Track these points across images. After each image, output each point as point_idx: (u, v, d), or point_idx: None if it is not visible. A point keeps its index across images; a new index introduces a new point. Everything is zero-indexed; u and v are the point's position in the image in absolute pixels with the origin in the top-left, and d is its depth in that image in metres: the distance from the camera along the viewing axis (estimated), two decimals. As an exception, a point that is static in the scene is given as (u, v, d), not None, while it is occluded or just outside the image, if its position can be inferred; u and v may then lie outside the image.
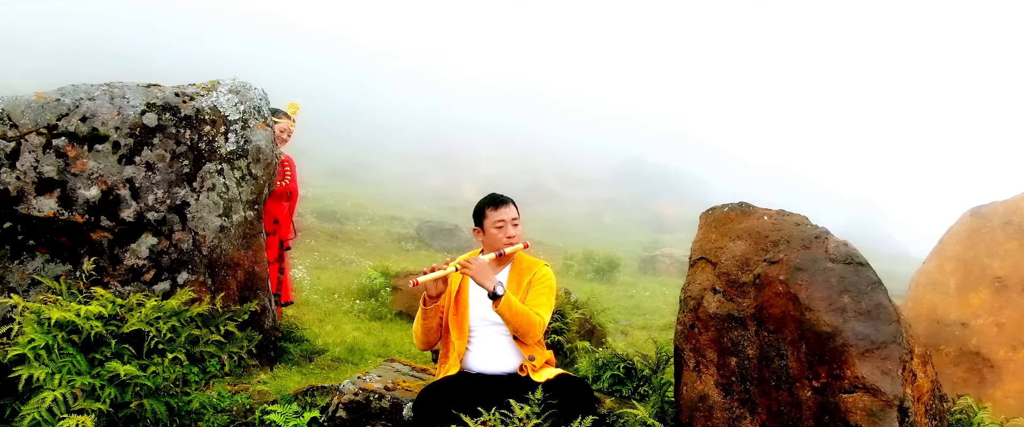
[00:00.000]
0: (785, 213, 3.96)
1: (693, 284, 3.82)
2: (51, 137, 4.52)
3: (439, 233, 17.95)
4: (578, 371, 5.18)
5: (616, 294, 14.33)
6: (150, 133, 4.70)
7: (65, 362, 3.88)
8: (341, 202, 24.44)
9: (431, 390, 3.45)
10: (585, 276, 16.37)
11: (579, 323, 8.39)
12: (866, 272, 3.47)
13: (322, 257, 14.43)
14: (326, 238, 16.63)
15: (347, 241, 16.81)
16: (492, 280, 3.50)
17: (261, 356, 4.95)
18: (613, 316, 11.68)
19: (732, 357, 3.53)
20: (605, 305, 12.37)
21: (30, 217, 4.38)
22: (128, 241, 4.56)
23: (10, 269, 4.32)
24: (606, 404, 4.45)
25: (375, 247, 16.49)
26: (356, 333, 7.66)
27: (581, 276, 16.39)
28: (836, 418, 3.17)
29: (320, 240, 16.28)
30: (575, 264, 17.13)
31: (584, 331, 8.37)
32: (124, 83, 4.89)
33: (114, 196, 4.55)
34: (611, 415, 3.87)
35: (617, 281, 16.32)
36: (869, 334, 3.25)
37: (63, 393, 3.75)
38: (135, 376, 3.96)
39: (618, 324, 11.16)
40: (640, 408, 3.69)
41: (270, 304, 5.09)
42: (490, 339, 3.69)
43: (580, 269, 16.86)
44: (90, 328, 3.97)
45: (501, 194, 3.85)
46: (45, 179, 4.45)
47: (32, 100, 4.59)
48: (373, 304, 10.15)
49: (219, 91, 5.02)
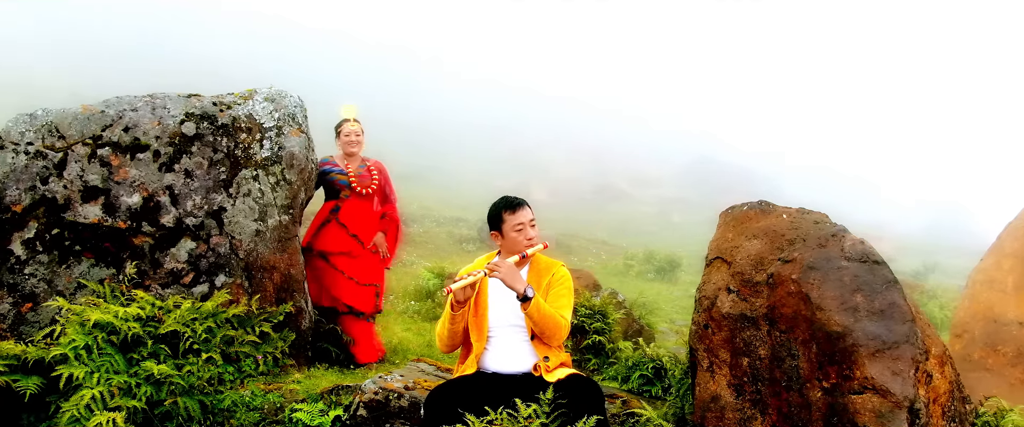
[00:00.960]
0: (805, 211, 3.90)
1: (708, 284, 3.80)
2: (96, 147, 4.75)
3: (500, 234, 18.06)
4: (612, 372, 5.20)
5: (676, 294, 14.20)
6: (189, 141, 4.89)
7: (104, 361, 4.08)
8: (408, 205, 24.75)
9: (442, 389, 3.51)
10: (646, 276, 16.26)
11: (624, 323, 8.37)
12: (881, 271, 3.40)
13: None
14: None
15: (409, 242, 17.03)
16: (522, 282, 3.54)
17: (298, 356, 5.09)
18: (668, 316, 11.59)
19: (744, 357, 3.50)
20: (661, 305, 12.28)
21: (76, 224, 4.61)
22: (168, 246, 4.75)
23: (58, 273, 4.55)
24: (632, 404, 4.44)
25: (436, 249, 16.69)
26: (405, 333, 7.78)
27: (642, 276, 16.28)
28: (844, 419, 3.11)
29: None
30: (636, 264, 17.02)
31: (632, 331, 8.35)
32: (166, 94, 5.10)
33: (155, 203, 4.75)
34: (621, 415, 3.87)
35: (678, 280, 16.16)
36: (880, 334, 3.18)
37: (101, 391, 3.94)
38: (169, 375, 4.13)
39: (673, 324, 11.06)
40: (648, 408, 3.68)
41: (306, 305, 5.22)
42: (508, 340, 3.73)
43: (641, 269, 16.75)
44: (128, 329, 4.16)
45: (515, 197, 3.89)
46: (90, 187, 4.67)
47: (78, 112, 4.83)
48: (428, 305, 10.28)
49: (255, 99, 5.19)
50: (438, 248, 16.92)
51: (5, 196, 4.53)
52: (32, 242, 4.54)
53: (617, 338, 6.88)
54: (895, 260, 21.51)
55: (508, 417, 3.26)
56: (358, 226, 5.78)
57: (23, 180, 4.58)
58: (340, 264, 5.69)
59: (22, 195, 4.56)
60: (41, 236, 4.55)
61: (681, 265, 16.75)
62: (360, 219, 5.79)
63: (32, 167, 4.61)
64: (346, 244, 5.70)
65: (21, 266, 4.50)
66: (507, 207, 3.79)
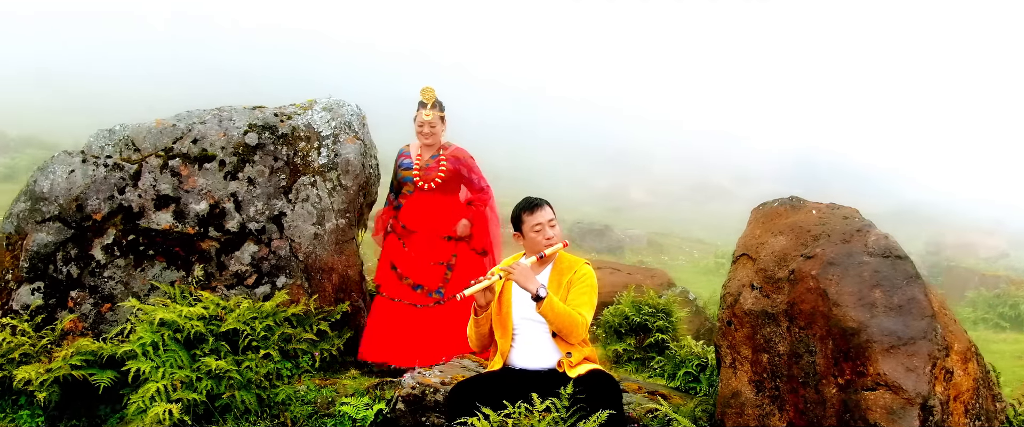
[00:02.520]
0: (836, 207, 3.87)
1: (733, 281, 3.81)
2: (168, 159, 5.11)
3: (590, 233, 18.09)
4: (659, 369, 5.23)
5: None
6: (251, 151, 5.19)
7: (168, 357, 4.41)
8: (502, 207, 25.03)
9: (464, 385, 3.66)
10: (736, 274, 15.97)
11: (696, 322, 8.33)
12: (903, 266, 3.35)
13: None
14: (482, 244, 17.18)
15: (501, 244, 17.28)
16: (535, 283, 3.65)
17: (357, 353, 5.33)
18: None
19: (764, 354, 3.51)
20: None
21: (150, 230, 4.97)
22: (233, 249, 5.06)
23: (133, 276, 4.92)
24: (673, 400, 4.48)
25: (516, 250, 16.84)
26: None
27: (733, 274, 16.00)
28: (857, 416, 3.09)
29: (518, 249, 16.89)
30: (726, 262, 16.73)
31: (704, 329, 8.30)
32: (232, 107, 5.43)
33: (220, 209, 5.07)
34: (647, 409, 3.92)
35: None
36: (896, 330, 3.14)
37: (164, 384, 4.26)
38: (228, 370, 4.42)
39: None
40: (664, 404, 3.72)
41: (363, 305, 5.46)
42: (532, 337, 3.83)
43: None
44: (191, 327, 4.47)
45: (536, 197, 3.99)
46: (162, 196, 5.03)
47: (152, 126, 5.21)
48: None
49: (314, 110, 5.47)
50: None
51: (87, 205, 4.94)
52: (111, 247, 4.92)
53: (682, 336, 6.87)
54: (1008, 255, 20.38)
55: (525, 411, 3.36)
56: (418, 223, 5.50)
57: (102, 190, 4.98)
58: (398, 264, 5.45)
59: (102, 204, 4.96)
60: (118, 242, 4.94)
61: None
62: (420, 216, 5.49)
63: (110, 178, 5.01)
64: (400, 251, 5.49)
65: (101, 269, 4.89)
66: (526, 208, 3.90)
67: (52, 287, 4.83)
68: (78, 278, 4.86)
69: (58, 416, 4.48)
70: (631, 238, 19.06)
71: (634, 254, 17.56)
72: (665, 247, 19.61)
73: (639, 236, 19.76)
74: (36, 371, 4.29)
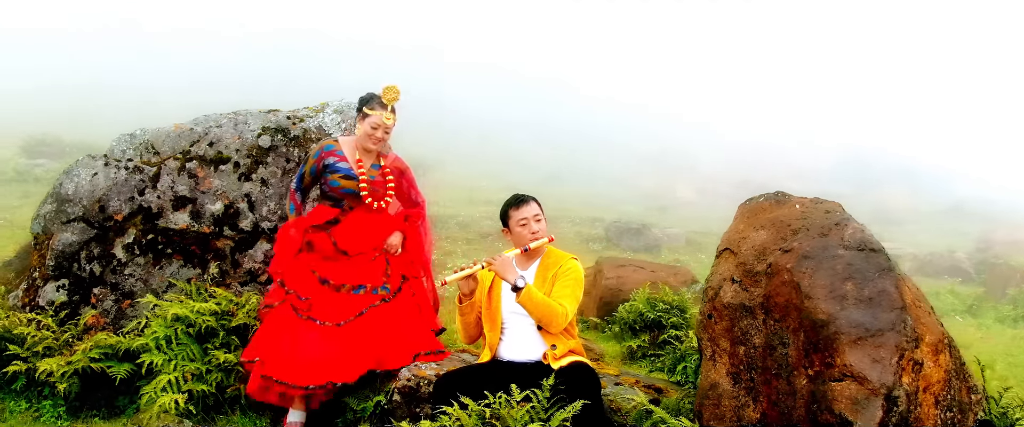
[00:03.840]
0: (819, 201, 3.91)
1: (715, 275, 3.87)
2: (185, 161, 5.33)
3: (626, 233, 18.03)
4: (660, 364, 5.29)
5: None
6: (265, 153, 5.39)
7: (181, 350, 4.62)
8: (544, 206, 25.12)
9: (451, 375, 3.79)
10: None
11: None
12: (877, 258, 3.38)
13: (505, 260, 15.06)
14: (514, 243, 17.32)
15: (536, 243, 17.38)
16: (513, 274, 3.79)
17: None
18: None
19: (741, 346, 3.56)
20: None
21: (168, 229, 5.20)
22: (246, 247, 5.26)
23: (152, 273, 5.15)
24: (669, 394, 4.55)
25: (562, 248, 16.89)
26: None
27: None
28: (823, 407, 3.14)
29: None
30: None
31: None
32: (248, 110, 5.64)
33: (234, 209, 5.27)
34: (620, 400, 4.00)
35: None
36: (864, 322, 3.18)
37: (176, 376, 4.47)
38: (236, 363, 4.61)
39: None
40: (639, 395, 3.80)
41: (375, 301, 5.63)
42: (520, 330, 3.95)
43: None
44: (203, 322, 4.68)
45: (522, 194, 4.11)
46: (179, 197, 5.25)
47: (171, 131, 5.44)
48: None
49: (326, 112, 5.65)
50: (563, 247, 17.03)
51: (109, 206, 5.18)
52: (131, 246, 5.16)
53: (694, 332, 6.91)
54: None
55: (505, 403, 3.47)
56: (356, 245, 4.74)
57: (123, 192, 5.22)
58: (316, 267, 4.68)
59: (123, 205, 5.19)
60: (138, 241, 5.17)
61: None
62: (360, 236, 4.74)
63: (131, 180, 5.24)
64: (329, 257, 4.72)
65: (122, 267, 5.13)
66: (513, 204, 4.03)
67: (76, 284, 5.08)
68: (100, 276, 5.10)
69: (79, 407, 4.71)
70: (669, 237, 18.96)
71: (671, 253, 17.49)
72: (704, 246, 19.46)
73: (677, 235, 19.66)
74: (57, 364, 4.53)
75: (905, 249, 18.49)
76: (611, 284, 8.63)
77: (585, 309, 9.29)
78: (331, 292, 4.62)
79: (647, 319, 6.86)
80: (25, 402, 4.71)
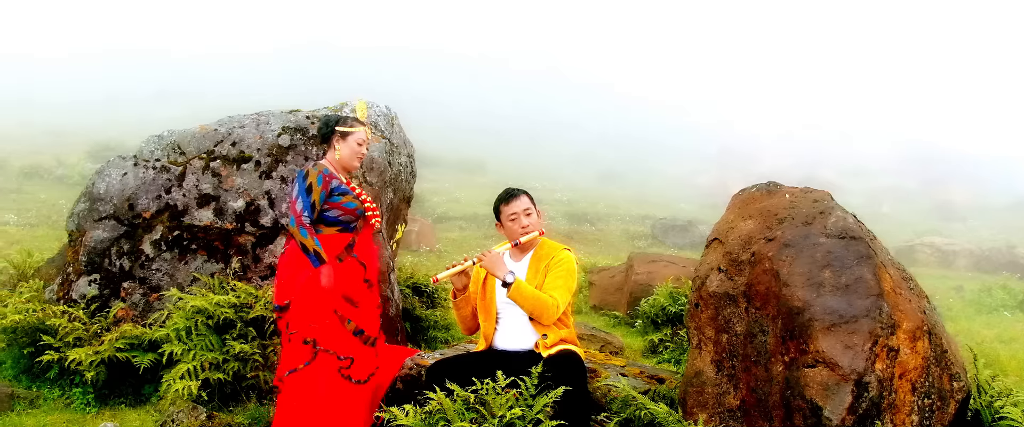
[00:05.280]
0: (809, 191, 3.92)
1: (703, 264, 3.91)
2: (209, 161, 5.56)
3: (672, 230, 17.98)
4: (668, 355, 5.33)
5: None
6: (284, 152, 5.59)
7: (200, 341, 4.83)
8: (594, 204, 25.19)
9: (443, 363, 3.90)
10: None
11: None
12: (856, 246, 3.39)
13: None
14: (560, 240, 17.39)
15: (581, 241, 17.45)
16: (503, 269, 3.87)
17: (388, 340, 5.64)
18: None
19: (724, 334, 3.60)
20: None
21: (193, 226, 5.43)
22: (267, 243, 5.46)
23: (178, 268, 5.39)
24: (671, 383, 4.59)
25: (607, 246, 16.96)
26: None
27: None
28: (796, 393, 3.17)
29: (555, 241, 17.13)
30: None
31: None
32: (270, 111, 5.85)
33: (255, 206, 5.48)
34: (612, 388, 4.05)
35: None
36: (838, 308, 3.20)
37: (194, 365, 4.68)
38: (252, 353, 4.81)
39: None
40: (623, 382, 3.85)
41: (393, 295, 5.77)
42: (513, 320, 4.04)
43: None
44: (221, 314, 4.88)
45: (513, 188, 4.18)
46: (203, 195, 5.48)
47: (196, 132, 5.68)
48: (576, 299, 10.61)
49: (344, 112, 5.82)
50: (610, 245, 17.19)
51: (137, 205, 5.43)
52: (158, 242, 5.40)
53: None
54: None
55: (492, 389, 3.57)
56: (373, 266, 4.48)
57: (151, 191, 5.47)
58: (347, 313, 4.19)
59: (150, 203, 5.45)
60: (165, 237, 5.41)
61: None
62: (372, 257, 4.49)
63: (158, 180, 5.49)
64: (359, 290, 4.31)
65: (150, 262, 5.38)
66: (503, 199, 4.11)
67: (107, 279, 5.34)
68: (129, 270, 5.36)
69: (107, 395, 4.97)
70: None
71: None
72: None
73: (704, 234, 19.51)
74: (86, 353, 4.79)
75: (962, 245, 18.03)
76: (641, 279, 8.65)
77: (617, 304, 9.33)
78: (361, 345, 4.19)
79: (669, 313, 6.89)
80: (58, 390, 4.99)
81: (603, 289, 10.18)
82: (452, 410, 3.39)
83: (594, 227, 20.10)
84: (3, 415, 4.70)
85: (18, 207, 16.59)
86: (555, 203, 24.56)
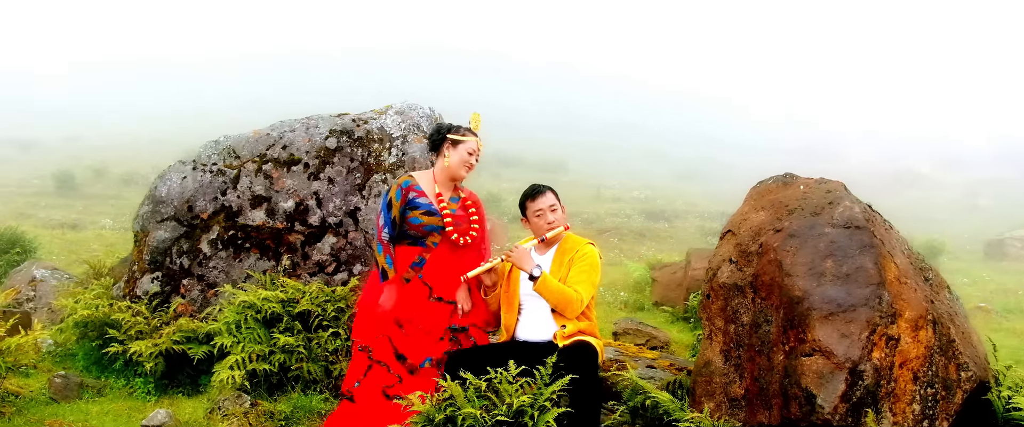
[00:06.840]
0: (824, 181, 3.91)
1: (716, 256, 3.95)
2: (261, 164, 5.86)
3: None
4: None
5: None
6: (331, 154, 5.84)
7: (248, 333, 5.10)
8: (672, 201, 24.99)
9: (461, 353, 4.05)
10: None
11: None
12: (859, 236, 3.39)
13: (621, 254, 15.18)
14: (633, 237, 17.40)
15: (653, 238, 17.40)
16: (530, 263, 4.01)
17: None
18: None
19: (732, 324, 3.64)
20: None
21: (247, 226, 5.73)
22: (315, 241, 5.72)
23: (233, 266, 5.70)
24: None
25: (679, 243, 16.82)
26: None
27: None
28: (793, 381, 3.19)
29: (626, 239, 17.09)
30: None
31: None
32: (319, 115, 6.12)
33: (304, 206, 5.74)
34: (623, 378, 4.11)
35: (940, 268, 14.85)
36: (837, 297, 3.21)
37: (242, 356, 4.96)
38: (297, 345, 5.06)
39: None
40: (630, 373, 3.91)
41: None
42: (535, 311, 4.16)
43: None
44: (269, 308, 5.15)
45: (539, 185, 4.29)
46: (256, 196, 5.78)
47: (250, 136, 5.98)
48: (639, 296, 10.66)
49: (388, 114, 6.04)
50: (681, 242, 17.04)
51: (196, 206, 5.77)
52: (215, 242, 5.73)
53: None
54: None
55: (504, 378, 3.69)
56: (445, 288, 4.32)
57: (208, 193, 5.79)
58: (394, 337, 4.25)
59: (207, 205, 5.77)
60: (221, 237, 5.73)
61: (944, 251, 15.35)
62: (445, 278, 4.32)
63: (214, 182, 5.81)
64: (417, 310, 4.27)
65: (207, 261, 5.71)
66: (529, 196, 4.23)
67: (168, 276, 5.69)
68: (188, 268, 5.70)
69: (167, 385, 5.30)
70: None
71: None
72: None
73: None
74: (146, 345, 5.13)
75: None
76: (697, 275, 8.63)
77: (676, 300, 9.32)
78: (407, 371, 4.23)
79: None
80: (123, 380, 5.35)
81: (664, 285, 10.18)
82: (462, 397, 3.53)
83: (669, 224, 19.96)
84: (73, 402, 5.07)
85: (115, 212, 17.58)
86: (632, 201, 24.46)
